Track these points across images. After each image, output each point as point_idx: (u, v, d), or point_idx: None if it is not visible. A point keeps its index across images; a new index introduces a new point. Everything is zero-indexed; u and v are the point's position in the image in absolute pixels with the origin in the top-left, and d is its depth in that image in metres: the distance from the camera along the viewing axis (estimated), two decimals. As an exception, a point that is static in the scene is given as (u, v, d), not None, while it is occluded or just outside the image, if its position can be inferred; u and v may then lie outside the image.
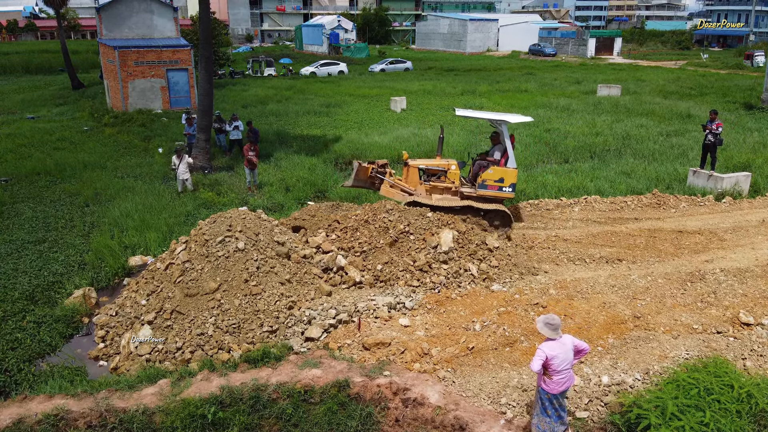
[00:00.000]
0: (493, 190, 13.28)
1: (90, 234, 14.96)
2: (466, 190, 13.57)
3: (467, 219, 13.18)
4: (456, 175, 13.64)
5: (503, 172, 13.18)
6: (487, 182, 13.22)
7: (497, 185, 13.22)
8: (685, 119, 28.54)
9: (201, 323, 9.41)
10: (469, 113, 15.01)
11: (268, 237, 10.78)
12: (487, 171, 13.23)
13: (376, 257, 11.27)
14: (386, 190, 14.02)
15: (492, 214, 13.33)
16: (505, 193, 13.33)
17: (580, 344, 6.90)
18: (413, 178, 13.84)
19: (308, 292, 10.28)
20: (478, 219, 13.25)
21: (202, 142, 20.66)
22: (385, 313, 9.91)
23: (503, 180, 13.19)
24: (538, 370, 6.65)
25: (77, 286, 12.13)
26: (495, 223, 13.36)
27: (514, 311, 9.98)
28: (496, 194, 13.31)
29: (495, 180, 13.20)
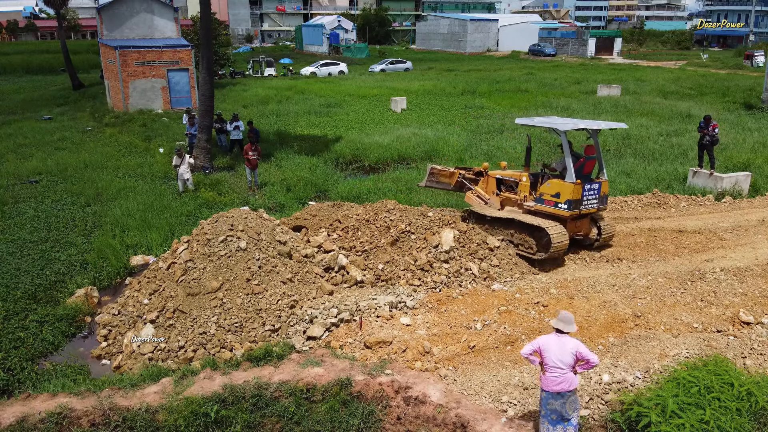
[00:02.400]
0: (549, 206, 12.00)
1: (92, 233, 15.01)
2: (530, 204, 12.53)
3: (515, 236, 12.29)
4: (525, 187, 12.80)
5: (560, 186, 11.78)
6: (544, 196, 12.08)
7: (553, 200, 11.90)
8: (685, 119, 28.58)
9: (203, 322, 9.45)
10: (526, 121, 13.62)
11: (269, 236, 10.82)
12: (545, 184, 12.15)
13: (378, 256, 11.31)
14: (469, 196, 13.86)
15: (538, 233, 11.92)
16: (560, 210, 11.80)
17: (587, 354, 6.71)
18: (491, 187, 13.58)
19: (310, 291, 10.32)
20: (524, 236, 12.13)
21: (203, 142, 20.71)
22: (387, 312, 9.95)
23: (559, 195, 11.78)
24: (525, 354, 6.87)
25: (79, 285, 12.17)
26: (542, 242, 11.88)
27: (514, 310, 10.02)
28: (552, 210, 11.95)
29: (551, 194, 11.91)
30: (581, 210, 11.87)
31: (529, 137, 13.72)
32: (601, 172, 12.48)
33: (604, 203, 12.40)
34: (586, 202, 11.89)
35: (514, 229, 12.29)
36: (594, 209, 12.15)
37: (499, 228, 12.64)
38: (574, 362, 6.70)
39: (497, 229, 12.66)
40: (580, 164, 11.93)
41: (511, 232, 12.33)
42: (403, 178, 18.83)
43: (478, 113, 31.56)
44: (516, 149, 22.57)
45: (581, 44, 75.72)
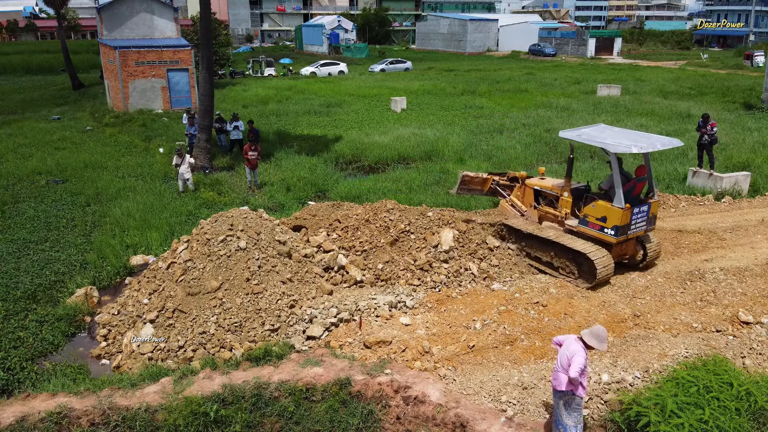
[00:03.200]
0: (593, 230, 11.01)
1: (91, 233, 15.01)
2: (571, 223, 11.55)
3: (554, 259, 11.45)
4: (567, 203, 11.73)
5: (607, 210, 10.75)
6: (589, 218, 11.07)
7: (599, 224, 10.90)
8: (685, 119, 28.58)
9: (203, 322, 9.46)
10: (571, 135, 11.89)
11: (269, 236, 10.82)
12: (590, 205, 11.09)
13: (377, 256, 11.31)
14: (503, 205, 13.21)
15: (581, 258, 10.96)
16: (606, 236, 10.83)
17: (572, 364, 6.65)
18: (528, 199, 12.63)
19: (309, 291, 10.33)
20: (565, 260, 11.23)
21: (202, 141, 20.71)
22: (386, 311, 9.95)
23: (606, 219, 10.79)
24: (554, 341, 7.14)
25: (79, 285, 12.17)
26: (584, 269, 10.98)
27: (514, 310, 10.03)
28: (596, 234, 10.99)
29: (597, 217, 10.92)
30: (629, 235, 11.01)
31: (572, 146, 12.34)
32: (651, 192, 11.57)
33: (653, 224, 11.54)
34: (635, 226, 11.00)
35: (555, 250, 11.33)
36: (642, 232, 11.32)
37: (537, 247, 11.71)
38: (567, 365, 6.73)
39: (535, 247, 11.75)
40: (629, 186, 11.00)
41: (551, 254, 11.41)
42: (403, 178, 18.84)
43: (477, 113, 31.56)
44: (516, 149, 22.59)
45: (581, 44, 75.72)
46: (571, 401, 6.81)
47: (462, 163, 20.71)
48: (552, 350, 8.89)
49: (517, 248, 12.17)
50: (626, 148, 10.64)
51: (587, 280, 10.87)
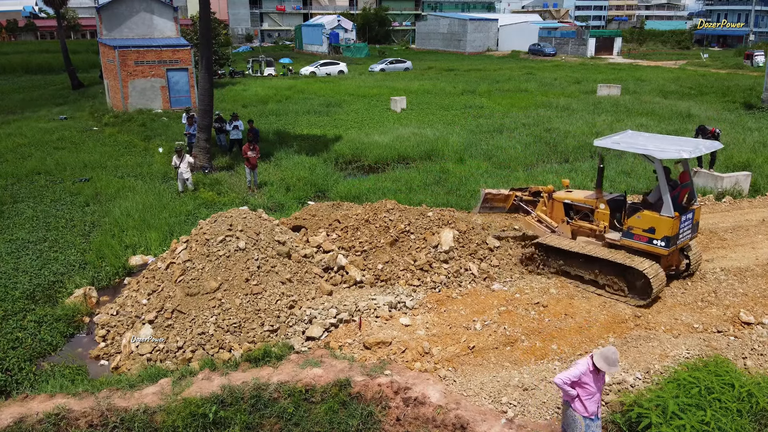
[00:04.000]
0: (640, 242, 10.41)
1: (90, 233, 14.97)
2: (612, 236, 10.89)
3: (600, 276, 10.74)
4: (604, 216, 11.08)
5: (655, 220, 10.18)
6: (634, 230, 10.43)
7: (647, 236, 10.30)
8: (685, 119, 28.55)
9: (202, 322, 9.41)
10: (608, 143, 11.11)
11: (268, 236, 10.78)
12: (635, 216, 10.47)
13: (377, 256, 11.27)
14: (528, 222, 12.44)
15: (633, 274, 10.37)
16: (656, 248, 10.24)
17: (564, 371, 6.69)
18: (558, 213, 11.90)
19: (309, 292, 10.28)
20: (613, 277, 10.60)
21: (202, 141, 20.66)
22: (386, 312, 9.91)
23: (654, 230, 10.21)
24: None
25: (78, 285, 12.13)
26: (636, 285, 10.40)
27: (514, 310, 9.99)
28: (644, 247, 10.40)
29: (644, 229, 10.31)
30: (678, 245, 10.51)
31: (602, 155, 11.71)
32: (693, 198, 11.03)
33: (696, 231, 11.11)
34: (682, 234, 10.47)
35: (600, 268, 10.67)
36: (688, 240, 10.87)
37: (578, 265, 11.00)
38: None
39: (576, 266, 11.03)
40: (674, 194, 10.49)
41: (595, 271, 10.74)
42: (403, 178, 18.79)
43: (477, 113, 31.52)
44: (516, 149, 22.53)
45: (581, 44, 75.66)
46: (566, 412, 6.73)
47: (462, 163, 20.67)
48: (553, 351, 8.85)
49: (553, 268, 11.33)
50: (675, 153, 10.15)
51: (640, 296, 10.32)
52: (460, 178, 18.62)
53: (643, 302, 10.28)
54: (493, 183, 17.93)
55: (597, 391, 6.56)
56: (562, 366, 8.49)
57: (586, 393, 6.50)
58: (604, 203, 11.16)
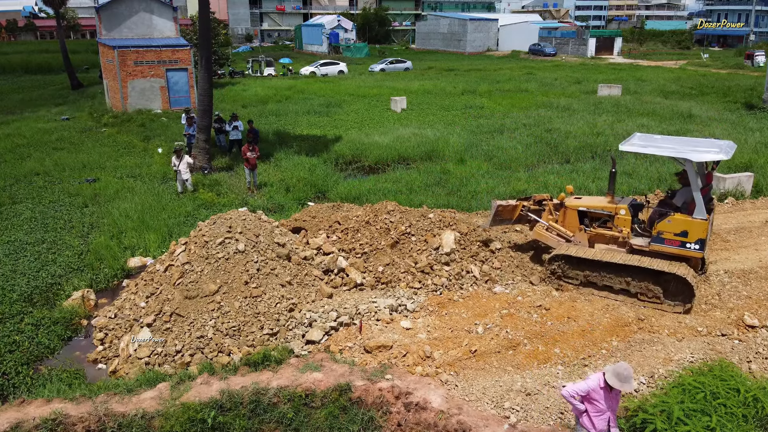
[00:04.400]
0: (672, 246, 10.15)
1: (89, 235, 14.87)
2: (637, 242, 10.61)
3: (632, 284, 10.34)
4: (626, 221, 10.70)
5: (687, 223, 9.95)
6: (665, 235, 10.16)
7: (679, 240, 10.07)
8: (687, 119, 28.45)
9: (201, 326, 9.31)
10: (635, 148, 10.77)
11: (268, 238, 10.68)
12: (665, 220, 10.18)
13: (378, 259, 11.17)
14: (539, 232, 11.68)
15: (668, 280, 10.11)
16: (690, 251, 10.09)
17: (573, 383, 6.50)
18: (571, 222, 11.35)
19: (309, 294, 10.18)
20: (647, 284, 10.24)
21: (201, 142, 20.56)
22: (387, 315, 9.81)
23: (687, 233, 9.99)
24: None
25: (76, 287, 12.03)
26: (671, 291, 10.17)
27: (516, 314, 9.89)
28: (677, 251, 10.16)
29: (676, 233, 10.07)
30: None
31: (614, 158, 11.48)
32: (711, 200, 10.99)
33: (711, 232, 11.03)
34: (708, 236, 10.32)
35: (632, 276, 10.32)
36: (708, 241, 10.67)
37: (607, 274, 10.52)
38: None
39: (604, 276, 10.55)
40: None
41: (627, 280, 10.35)
42: (403, 179, 18.69)
43: (478, 113, 31.42)
44: (516, 149, 22.43)
45: (581, 44, 75.54)
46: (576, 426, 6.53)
47: (462, 164, 20.57)
48: (555, 354, 8.76)
49: (577, 280, 10.81)
50: (713, 155, 9.96)
51: (681, 302, 10.09)
52: (461, 179, 18.53)
53: (683, 308, 10.07)
54: (494, 184, 17.85)
55: (607, 410, 6.21)
56: (565, 370, 8.40)
57: (595, 410, 6.22)
58: (625, 209, 10.76)
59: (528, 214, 12.03)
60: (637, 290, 10.35)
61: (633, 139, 11.05)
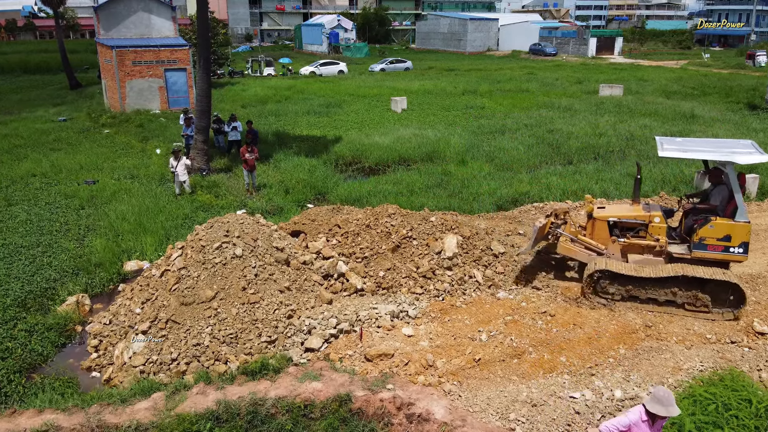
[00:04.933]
0: (715, 252, 9.83)
1: (85, 238, 14.65)
2: (677, 249, 10.26)
3: (679, 294, 9.93)
4: (661, 229, 10.32)
5: (730, 227, 9.67)
6: (707, 240, 9.82)
7: (722, 245, 9.77)
8: (689, 120, 28.21)
9: (197, 333, 9.07)
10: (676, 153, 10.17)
11: (266, 243, 10.44)
12: (707, 226, 9.82)
13: (378, 263, 10.93)
14: (566, 247, 11.00)
15: (717, 287, 9.83)
16: (734, 255, 9.81)
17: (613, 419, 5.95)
18: (601, 233, 10.78)
19: (308, 300, 9.94)
20: (695, 293, 9.88)
21: (199, 143, 20.32)
22: (388, 321, 9.58)
23: (730, 238, 9.71)
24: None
25: (71, 292, 11.80)
26: (720, 298, 9.87)
27: (521, 320, 9.65)
28: (721, 257, 9.84)
29: (718, 238, 9.76)
30: None
31: (639, 165, 11.08)
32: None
33: None
34: None
35: (678, 286, 9.91)
36: None
37: (651, 287, 10.03)
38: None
39: (649, 289, 10.05)
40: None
41: (673, 290, 9.95)
42: (404, 180, 18.45)
43: (479, 113, 31.19)
44: (518, 150, 22.20)
45: (582, 44, 75.33)
46: None
47: (464, 165, 20.33)
48: (562, 364, 8.52)
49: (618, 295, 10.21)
50: (757, 156, 9.66)
51: (731, 308, 9.83)
52: (462, 181, 18.30)
53: (733, 315, 9.82)
54: (495, 186, 17.62)
55: None
56: (571, 380, 8.16)
57: None
58: (660, 216, 10.35)
59: (557, 231, 11.34)
60: (684, 300, 9.97)
61: (664, 144, 10.54)
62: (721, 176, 10.19)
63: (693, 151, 10.30)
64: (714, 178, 10.43)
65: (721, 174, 10.18)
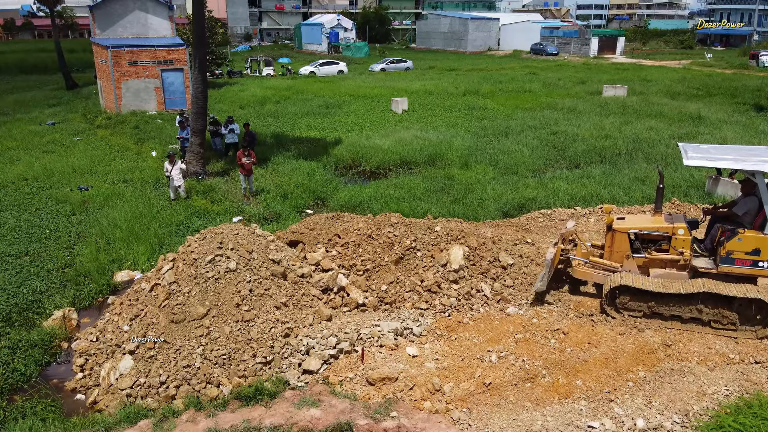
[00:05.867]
0: (744, 266, 9.29)
1: (75, 246, 14.11)
2: (702, 264, 9.67)
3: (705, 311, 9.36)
4: (686, 242, 9.64)
5: (760, 240, 9.13)
6: (735, 254, 9.24)
7: (750, 258, 9.21)
8: (696, 121, 27.64)
9: (188, 354, 8.51)
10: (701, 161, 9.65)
11: (262, 255, 9.87)
12: (735, 239, 9.23)
13: (381, 276, 10.36)
14: (581, 271, 10.37)
15: (746, 304, 9.24)
16: (764, 271, 9.29)
17: None
18: (620, 247, 10.04)
19: (306, 317, 9.37)
20: (722, 310, 9.30)
21: (195, 146, 19.74)
22: (391, 340, 9.01)
23: (759, 251, 9.17)
24: None
25: (58, 305, 11.27)
26: (747, 315, 9.30)
27: (532, 338, 9.09)
28: (750, 272, 9.33)
29: (747, 252, 9.21)
30: None
31: (662, 173, 10.37)
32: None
33: None
34: None
35: (703, 302, 9.33)
36: None
37: (675, 305, 9.45)
38: None
39: (671, 305, 9.48)
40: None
41: (698, 308, 9.36)
42: (406, 185, 17.87)
43: (481, 114, 30.61)
44: (523, 153, 21.62)
45: (584, 43, 74.72)
46: None
47: (467, 168, 19.76)
48: (578, 388, 7.96)
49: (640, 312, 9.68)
50: None
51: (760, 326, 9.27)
52: (466, 185, 17.74)
53: (764, 333, 9.28)
54: (501, 191, 17.06)
55: None
56: (589, 406, 7.61)
57: None
58: (684, 228, 9.68)
59: (569, 256, 10.71)
60: (710, 318, 9.41)
61: (688, 151, 9.83)
62: (753, 187, 9.56)
63: (719, 159, 9.66)
64: (746, 188, 9.84)
65: (753, 185, 9.54)
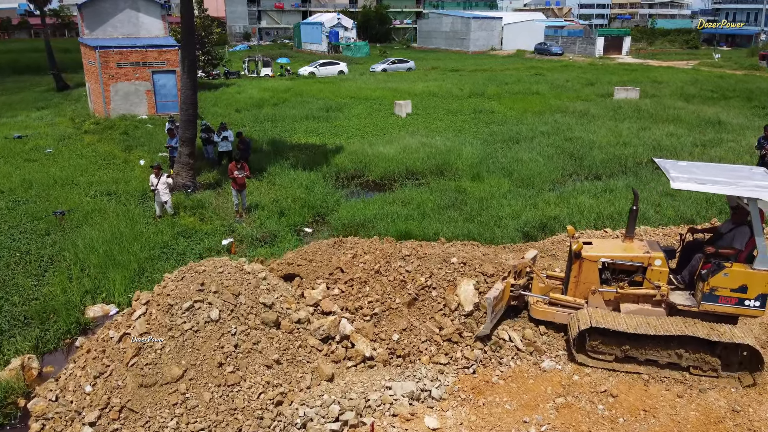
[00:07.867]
0: (728, 305, 8.26)
1: (46, 273, 12.60)
2: (681, 300, 8.61)
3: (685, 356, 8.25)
4: (663, 275, 8.56)
5: (748, 276, 8.11)
6: (719, 291, 8.21)
7: (736, 296, 8.19)
8: (717, 127, 26.14)
9: (159, 427, 6.98)
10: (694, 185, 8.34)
11: (251, 298, 8.34)
12: (720, 274, 8.17)
13: (392, 322, 8.82)
14: (541, 311, 9.17)
15: (729, 350, 8.22)
16: (749, 310, 8.26)
17: None
18: (591, 276, 8.83)
19: (303, 377, 7.83)
20: (703, 355, 8.22)
21: (184, 156, 18.14)
22: (406, 406, 7.49)
23: (746, 288, 8.16)
24: None
25: (18, 350, 9.76)
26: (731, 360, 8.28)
27: (576, 403, 7.57)
28: (734, 310, 8.30)
29: (733, 288, 8.17)
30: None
31: (637, 194, 9.30)
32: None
33: None
34: None
35: (682, 345, 8.20)
36: None
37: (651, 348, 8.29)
38: None
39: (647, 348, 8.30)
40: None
41: (678, 351, 8.24)
42: (414, 200, 16.33)
43: (489, 118, 29.07)
44: (538, 162, 20.09)
45: (589, 43, 73.22)
46: None
47: (479, 180, 18.21)
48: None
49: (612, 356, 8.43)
50: None
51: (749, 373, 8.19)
52: (480, 201, 16.20)
53: (750, 381, 8.10)
54: (519, 207, 15.52)
55: None
56: (656, 505, 6.10)
57: None
58: (661, 258, 8.53)
59: (521, 293, 9.37)
60: (690, 363, 8.32)
61: (670, 171, 8.62)
62: (747, 217, 8.42)
63: (710, 183, 8.36)
64: (738, 218, 8.66)
65: (747, 215, 8.40)
